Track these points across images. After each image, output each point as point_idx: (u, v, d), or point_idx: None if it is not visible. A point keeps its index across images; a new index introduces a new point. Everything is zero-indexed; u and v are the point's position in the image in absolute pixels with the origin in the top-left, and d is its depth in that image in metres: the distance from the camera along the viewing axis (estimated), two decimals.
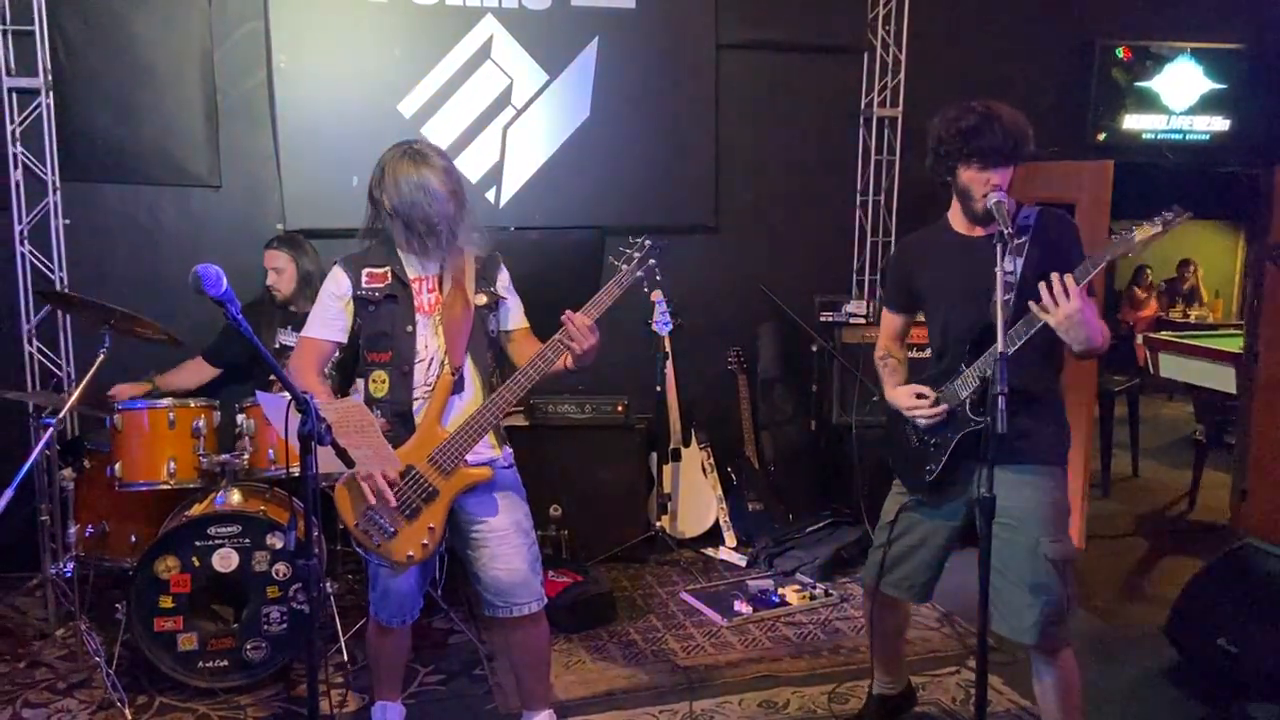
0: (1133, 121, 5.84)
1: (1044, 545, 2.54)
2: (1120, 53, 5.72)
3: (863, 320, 5.01)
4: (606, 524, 4.60)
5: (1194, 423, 6.04)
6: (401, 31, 4.58)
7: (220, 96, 4.49)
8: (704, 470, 4.91)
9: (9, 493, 3.08)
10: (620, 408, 4.61)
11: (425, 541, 2.66)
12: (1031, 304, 2.38)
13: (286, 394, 2.08)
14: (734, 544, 4.80)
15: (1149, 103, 5.84)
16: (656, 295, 4.60)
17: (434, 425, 2.66)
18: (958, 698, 3.36)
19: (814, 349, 5.08)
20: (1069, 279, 2.32)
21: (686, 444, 4.89)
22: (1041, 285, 2.35)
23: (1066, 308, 2.31)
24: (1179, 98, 5.89)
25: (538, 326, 2.95)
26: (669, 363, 4.80)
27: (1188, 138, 5.98)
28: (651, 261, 2.75)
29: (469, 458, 2.67)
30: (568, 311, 2.63)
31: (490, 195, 4.79)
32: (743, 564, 4.62)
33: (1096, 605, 4.08)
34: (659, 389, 4.81)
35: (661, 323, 4.72)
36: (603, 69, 4.85)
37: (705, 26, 4.97)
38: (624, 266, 2.74)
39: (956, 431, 2.65)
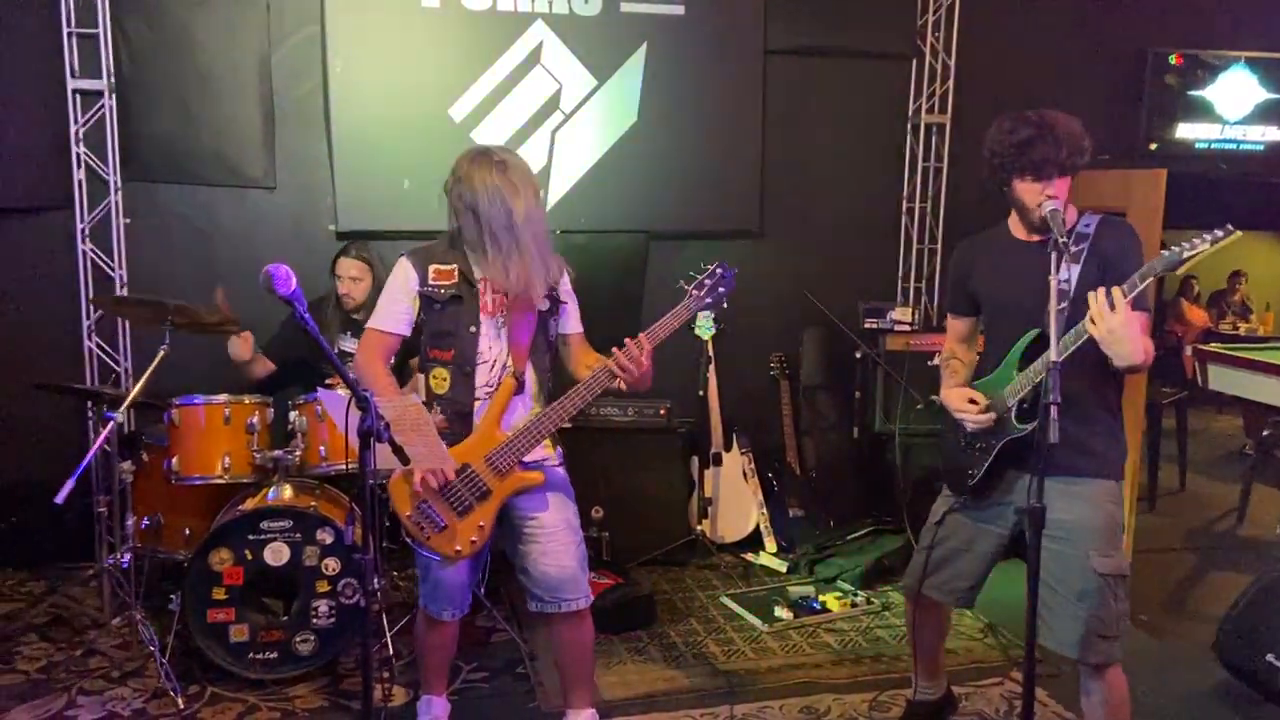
0: (1186, 130, 5.77)
1: (1094, 559, 2.51)
2: (1172, 59, 5.66)
3: (908, 327, 4.99)
4: (647, 527, 4.62)
5: (1243, 436, 5.95)
6: (453, 37, 4.65)
7: (277, 100, 4.58)
8: (745, 475, 4.92)
9: (70, 483, 3.18)
10: (663, 411, 4.63)
11: (474, 539, 2.71)
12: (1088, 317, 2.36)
13: (347, 392, 2.13)
14: (774, 549, 4.80)
15: (1202, 112, 5.76)
16: None
17: (493, 427, 2.70)
18: (1001, 709, 3.34)
19: (858, 356, 5.06)
20: (1116, 291, 2.30)
21: (728, 449, 4.90)
22: (1090, 296, 2.33)
23: (1110, 320, 2.28)
24: (1233, 107, 5.80)
25: (583, 329, 2.98)
26: (712, 367, 4.81)
27: (1242, 147, 5.89)
28: (722, 289, 2.74)
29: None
30: (628, 339, 2.65)
31: None
32: (783, 570, 4.62)
33: (1143, 620, 4.03)
34: (701, 393, 4.82)
35: (705, 327, 4.73)
36: (650, 74, 4.89)
37: (753, 32, 4.99)
38: (693, 291, 2.74)
39: (1000, 438, 2.64)
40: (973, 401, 2.68)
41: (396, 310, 2.77)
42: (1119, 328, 2.29)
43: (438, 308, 2.73)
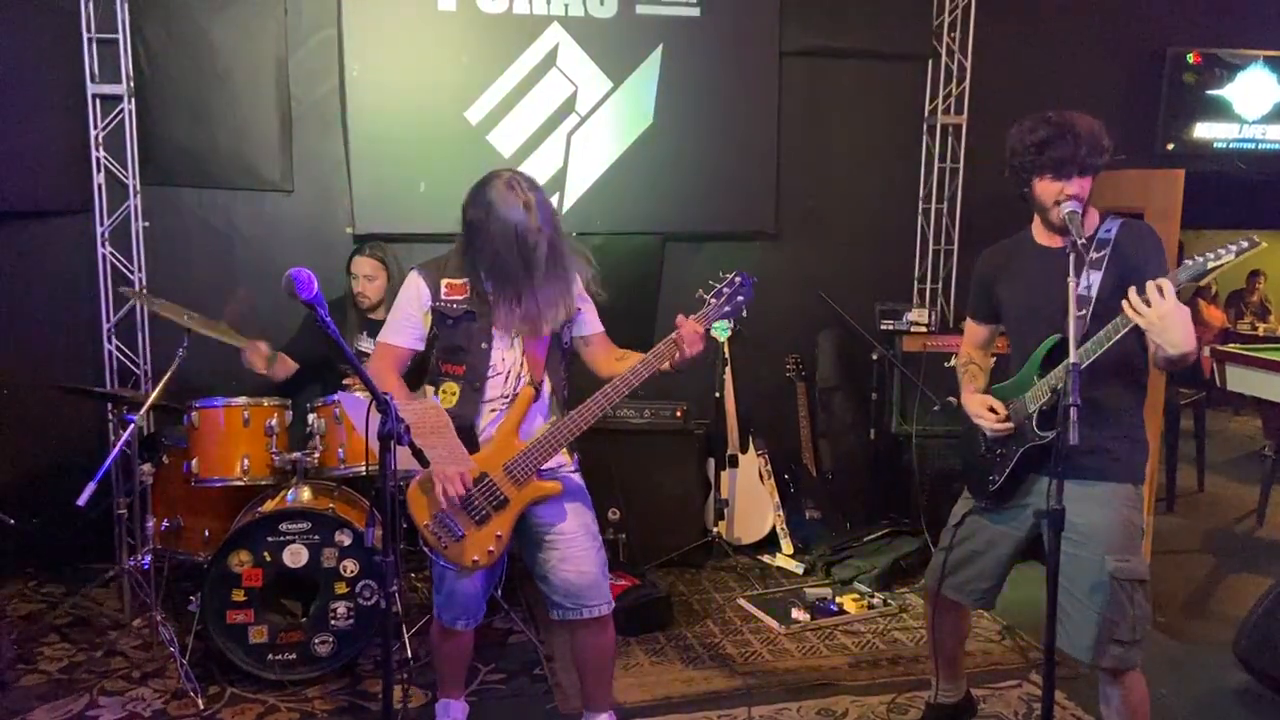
0: (1204, 130, 5.74)
1: (1108, 562, 2.50)
2: (1191, 58, 5.63)
3: (924, 329, 4.98)
4: (664, 528, 4.62)
5: (1262, 437, 5.91)
6: (469, 40, 4.66)
7: (293, 103, 4.60)
8: (761, 477, 4.92)
9: (92, 485, 3.21)
10: (679, 413, 4.63)
11: (491, 548, 2.70)
12: (1124, 303, 2.29)
13: (367, 395, 2.13)
14: (791, 551, 4.79)
15: (1220, 111, 5.73)
16: None
17: (511, 436, 2.70)
18: (1019, 711, 3.33)
19: (874, 357, 5.05)
20: (1165, 282, 2.25)
21: (744, 450, 4.90)
22: (1132, 289, 2.28)
23: (1161, 306, 2.22)
24: (1252, 106, 5.77)
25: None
26: (728, 369, 4.81)
27: (1260, 147, 5.86)
28: (740, 298, 2.72)
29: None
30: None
31: (553, 201, 4.82)
32: (799, 571, 4.61)
33: (1161, 622, 4.00)
34: (717, 395, 4.82)
35: (721, 329, 4.71)
36: (666, 76, 4.88)
37: (769, 34, 4.98)
38: (711, 300, 2.73)
39: (1021, 445, 2.63)
40: (992, 410, 2.68)
41: (408, 325, 2.76)
42: (1171, 313, 2.22)
43: (450, 323, 2.72)
